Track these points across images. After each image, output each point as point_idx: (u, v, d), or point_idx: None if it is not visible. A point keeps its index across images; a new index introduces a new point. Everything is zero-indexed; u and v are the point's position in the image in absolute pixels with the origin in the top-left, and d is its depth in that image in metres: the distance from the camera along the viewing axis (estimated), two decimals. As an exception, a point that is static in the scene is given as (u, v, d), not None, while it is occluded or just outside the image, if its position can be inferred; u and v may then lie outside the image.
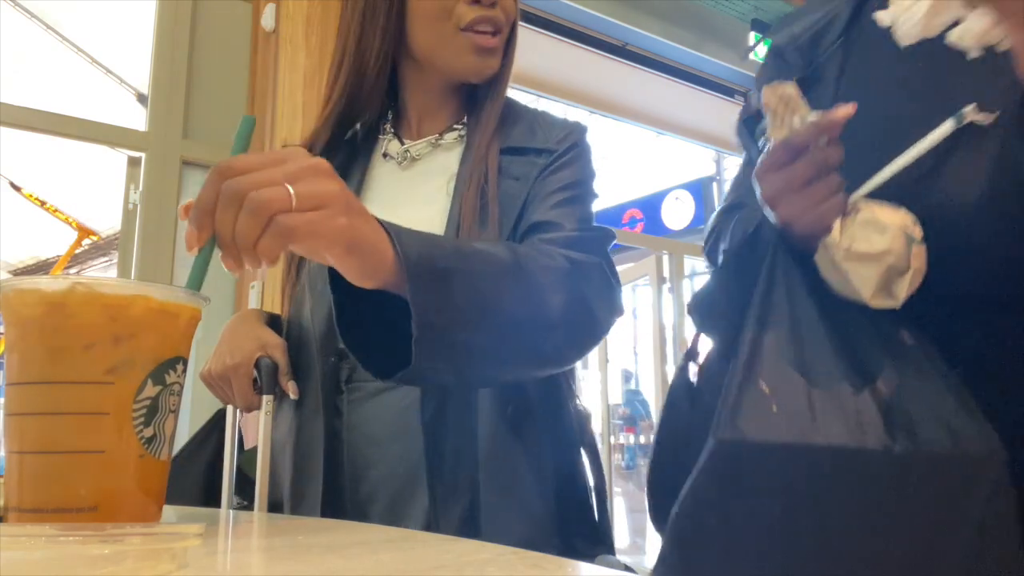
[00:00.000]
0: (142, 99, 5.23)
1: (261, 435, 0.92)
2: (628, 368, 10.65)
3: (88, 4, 5.15)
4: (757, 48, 4.44)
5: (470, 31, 0.89)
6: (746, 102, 0.92)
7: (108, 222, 7.84)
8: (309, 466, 0.88)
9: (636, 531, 5.60)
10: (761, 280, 0.65)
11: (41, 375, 0.47)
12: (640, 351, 10.06)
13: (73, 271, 8.80)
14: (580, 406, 0.94)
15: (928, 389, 0.59)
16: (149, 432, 0.49)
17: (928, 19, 0.59)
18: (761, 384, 0.59)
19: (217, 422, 1.07)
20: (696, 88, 4.44)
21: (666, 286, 3.95)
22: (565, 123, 0.95)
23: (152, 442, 0.49)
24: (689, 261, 4.17)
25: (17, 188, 7.49)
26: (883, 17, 0.61)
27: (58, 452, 0.47)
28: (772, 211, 0.67)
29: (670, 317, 3.94)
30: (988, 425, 0.57)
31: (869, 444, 0.56)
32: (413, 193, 0.93)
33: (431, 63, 0.93)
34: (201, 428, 1.07)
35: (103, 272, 9.02)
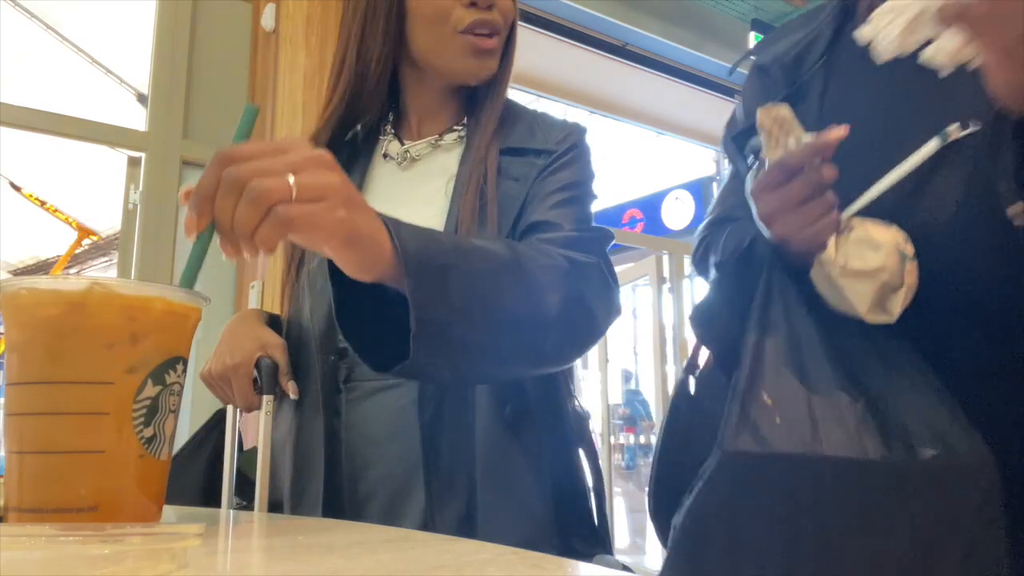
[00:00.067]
0: (142, 99, 5.23)
1: (261, 435, 0.92)
2: (628, 368, 10.64)
3: (88, 4, 5.15)
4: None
5: (468, 34, 0.89)
6: (732, 117, 0.94)
7: (108, 222, 7.84)
8: (309, 465, 0.88)
9: (636, 531, 5.59)
10: (758, 295, 0.67)
11: (53, 375, 0.47)
12: (640, 351, 10.06)
13: (73, 271, 8.79)
14: (579, 407, 0.94)
15: (922, 402, 0.62)
16: (149, 432, 0.49)
17: (904, 37, 0.60)
18: (764, 396, 0.61)
19: (217, 422, 1.07)
20: (696, 88, 4.43)
21: (666, 286, 3.95)
22: (565, 124, 0.95)
23: (152, 442, 0.49)
24: (689, 261, 4.16)
25: (17, 188, 7.50)
26: (862, 34, 0.63)
27: (58, 452, 0.47)
28: (769, 229, 0.69)
29: (670, 317, 3.93)
30: (979, 437, 0.60)
31: (868, 454, 0.58)
32: (413, 193, 0.93)
33: (430, 65, 0.93)
34: (200, 428, 1.07)
35: (103, 272, 9.02)
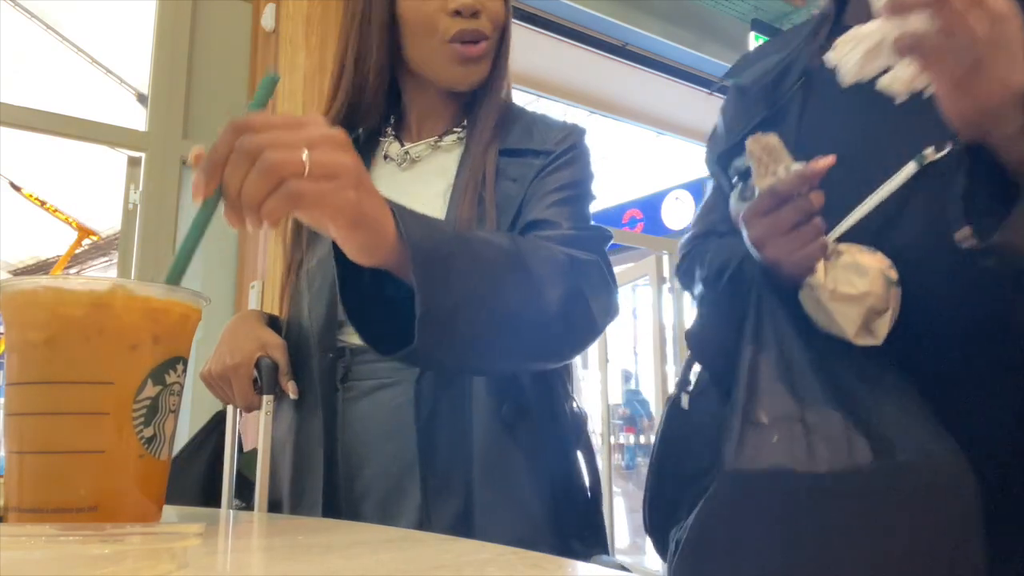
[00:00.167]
0: (142, 99, 5.22)
1: (261, 435, 0.92)
2: (628, 368, 10.64)
3: (88, 4, 5.15)
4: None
5: (455, 42, 0.90)
6: (713, 133, 0.96)
7: (108, 222, 7.83)
8: (307, 465, 0.88)
9: (636, 531, 5.59)
10: (750, 316, 0.71)
11: (53, 375, 0.47)
12: (640, 351, 10.06)
13: (73, 271, 8.79)
14: (577, 407, 0.94)
15: (905, 417, 0.65)
16: (149, 432, 0.49)
17: (863, 64, 0.62)
18: (761, 415, 0.65)
19: (217, 424, 1.07)
20: (696, 88, 4.43)
21: (666, 286, 3.95)
22: (564, 125, 0.95)
23: (152, 442, 0.49)
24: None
25: (17, 188, 7.49)
26: (829, 58, 0.65)
27: (58, 452, 0.47)
28: (759, 252, 0.72)
29: (670, 317, 3.93)
30: (958, 448, 0.63)
31: (859, 468, 0.62)
32: (412, 194, 0.93)
33: (423, 73, 0.94)
34: (200, 430, 1.07)
35: (103, 272, 9.02)
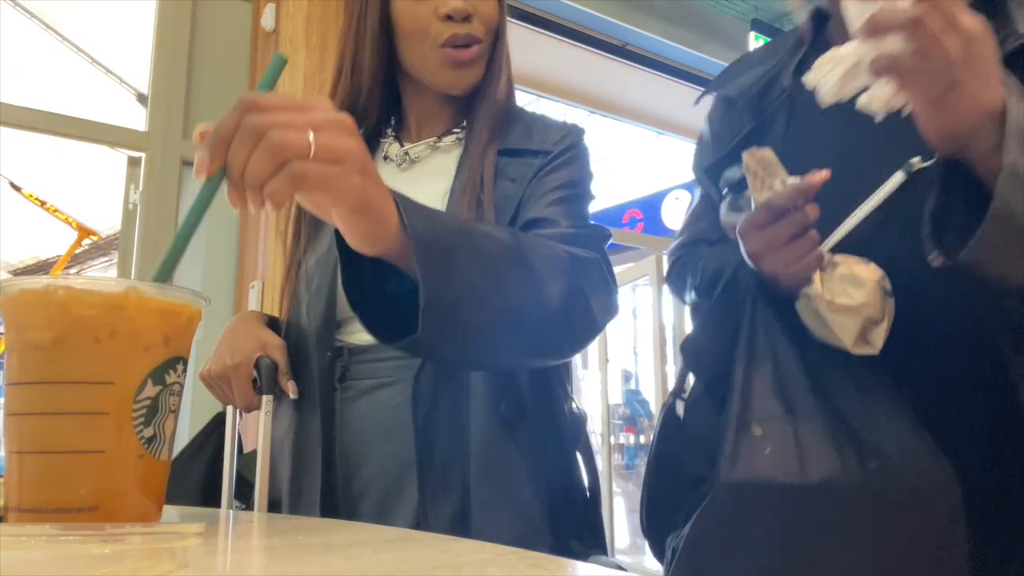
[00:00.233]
0: (142, 99, 5.22)
1: (261, 435, 0.92)
2: (628, 368, 10.64)
3: (88, 4, 5.15)
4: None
5: (447, 47, 0.90)
6: (700, 141, 0.98)
7: (108, 222, 7.83)
8: (306, 464, 0.88)
9: (636, 531, 5.59)
10: (744, 328, 0.73)
11: (53, 375, 0.47)
12: (640, 351, 10.05)
13: (73, 271, 8.79)
14: (576, 408, 0.94)
15: (895, 426, 0.67)
16: (149, 432, 0.49)
17: (842, 84, 0.63)
18: (755, 428, 0.67)
19: (217, 425, 1.07)
20: (696, 88, 4.43)
21: (666, 286, 3.94)
22: (563, 125, 0.95)
23: (152, 442, 0.49)
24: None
25: (17, 188, 7.49)
26: (807, 80, 0.66)
27: (58, 452, 0.47)
28: (757, 265, 0.74)
29: (670, 317, 3.93)
30: (946, 460, 0.65)
31: (849, 478, 0.64)
32: (411, 194, 0.93)
33: (419, 76, 0.95)
34: (200, 431, 1.07)
35: (103, 272, 9.02)
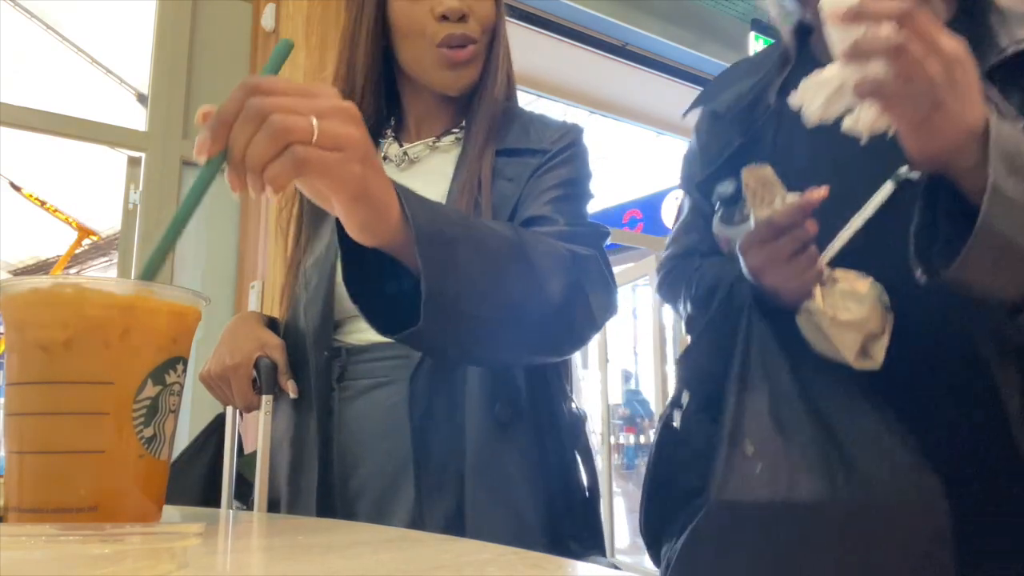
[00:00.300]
0: (142, 99, 5.21)
1: (260, 435, 0.92)
2: (628, 368, 10.64)
3: (88, 4, 5.14)
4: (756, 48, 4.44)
5: (443, 47, 0.90)
6: (689, 153, 1.00)
7: (108, 222, 7.82)
8: (303, 464, 0.88)
9: (636, 531, 5.58)
10: (739, 345, 0.74)
11: (54, 375, 0.47)
12: (640, 351, 10.06)
13: (73, 271, 8.79)
14: (575, 408, 0.94)
15: (886, 447, 0.69)
16: (149, 432, 0.49)
17: (826, 107, 0.65)
18: (747, 446, 0.69)
19: (217, 427, 1.07)
20: (696, 88, 4.42)
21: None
22: (561, 125, 0.95)
23: (152, 442, 0.49)
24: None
25: (17, 188, 7.49)
26: (791, 101, 0.67)
27: (58, 452, 0.47)
28: (758, 281, 0.75)
29: (670, 317, 3.93)
30: (934, 476, 0.67)
31: (837, 496, 0.66)
32: None
33: (416, 76, 0.95)
34: (201, 432, 1.07)
35: (103, 272, 9.02)
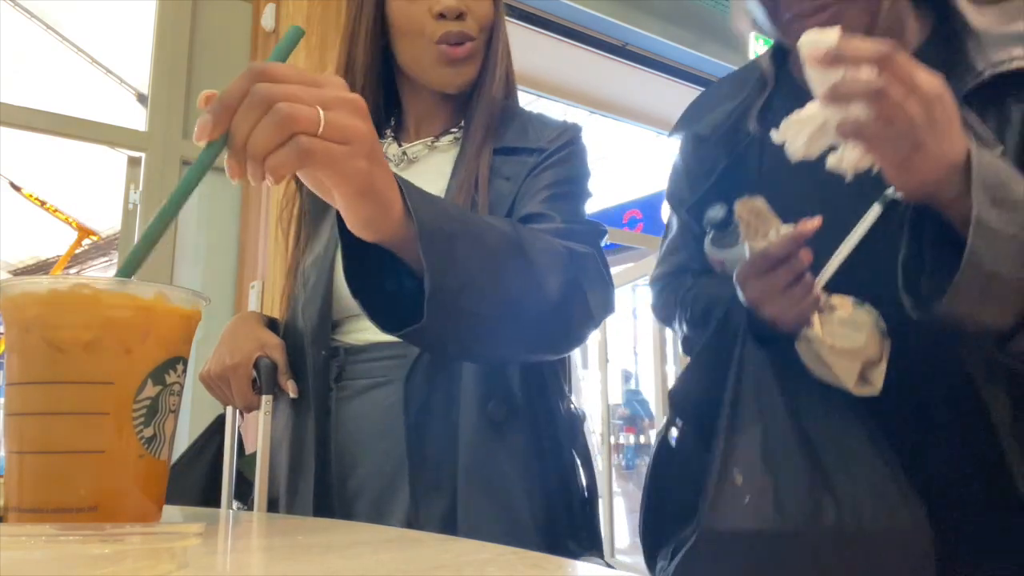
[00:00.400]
0: (142, 99, 5.22)
1: (260, 435, 0.92)
2: (628, 368, 10.64)
3: (88, 4, 5.14)
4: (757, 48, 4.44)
5: (441, 44, 0.91)
6: (673, 174, 1.00)
7: (108, 222, 7.83)
8: (301, 464, 0.88)
9: (636, 531, 5.58)
10: (731, 375, 0.75)
11: (54, 375, 0.47)
12: (640, 351, 10.06)
13: (73, 271, 8.79)
14: (573, 408, 0.94)
15: (874, 477, 0.70)
16: (149, 432, 0.49)
17: (809, 144, 0.66)
18: (736, 476, 0.70)
19: (218, 427, 1.07)
20: (696, 88, 4.43)
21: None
22: (559, 124, 0.95)
23: (152, 442, 0.49)
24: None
25: (17, 188, 7.49)
26: (774, 137, 0.68)
27: (58, 452, 0.47)
28: (756, 311, 0.76)
29: (670, 317, 3.92)
30: (921, 509, 0.69)
31: (824, 525, 0.67)
32: None
33: (415, 75, 0.95)
34: (201, 434, 1.07)
35: (103, 272, 9.02)
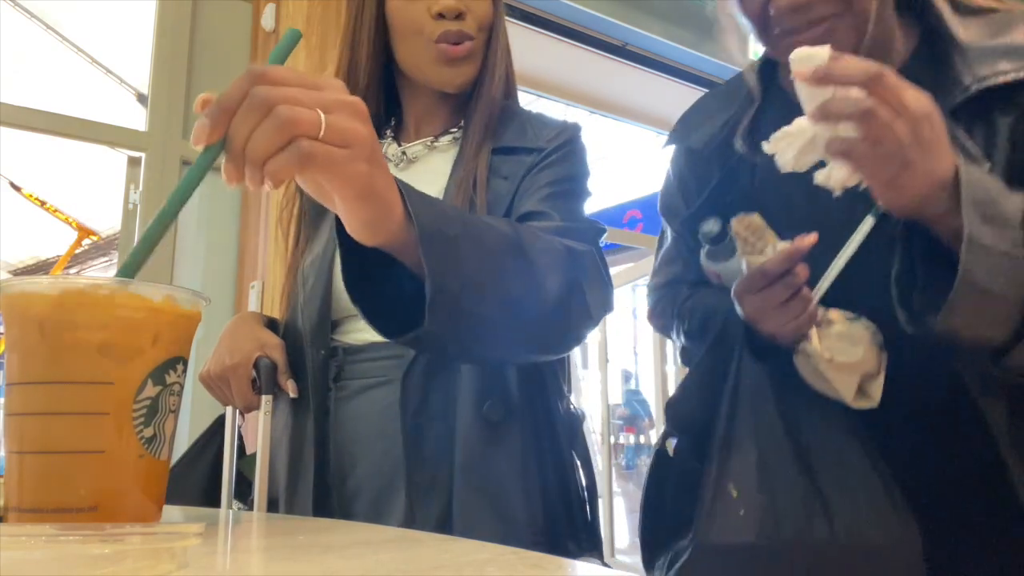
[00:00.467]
0: (142, 99, 5.22)
1: (260, 435, 0.92)
2: (628, 368, 10.65)
3: (88, 4, 5.14)
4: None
5: (441, 43, 0.91)
6: (666, 187, 1.00)
7: (108, 222, 7.83)
8: (301, 464, 0.88)
9: (636, 531, 5.59)
10: (728, 388, 0.76)
11: (54, 375, 0.47)
12: (640, 351, 10.06)
13: (73, 271, 8.79)
14: (572, 408, 0.94)
15: (867, 489, 0.71)
16: (149, 432, 0.49)
17: (798, 159, 0.67)
18: (731, 489, 0.71)
19: (218, 428, 1.07)
20: (696, 88, 4.42)
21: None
22: (559, 123, 0.95)
23: (152, 442, 0.49)
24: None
25: (17, 188, 7.49)
26: (766, 148, 0.68)
27: (58, 452, 0.47)
28: (756, 326, 0.77)
29: (670, 317, 3.92)
30: (913, 522, 0.69)
31: (817, 537, 0.68)
32: None
33: (414, 75, 0.95)
34: (201, 435, 1.07)
35: (103, 272, 9.02)
